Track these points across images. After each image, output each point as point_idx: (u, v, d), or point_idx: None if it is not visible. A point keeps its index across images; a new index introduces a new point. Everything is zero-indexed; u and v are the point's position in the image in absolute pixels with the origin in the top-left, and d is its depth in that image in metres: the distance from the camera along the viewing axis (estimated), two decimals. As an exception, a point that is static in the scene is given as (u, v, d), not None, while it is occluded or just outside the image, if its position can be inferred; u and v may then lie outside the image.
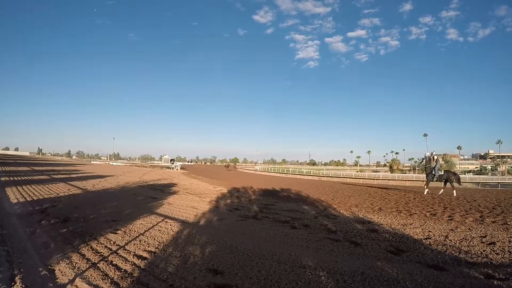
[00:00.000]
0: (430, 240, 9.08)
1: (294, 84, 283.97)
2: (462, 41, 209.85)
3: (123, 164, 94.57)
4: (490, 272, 6.29)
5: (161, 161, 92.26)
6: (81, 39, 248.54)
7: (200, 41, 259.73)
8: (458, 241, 8.87)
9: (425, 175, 27.25)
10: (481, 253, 7.72)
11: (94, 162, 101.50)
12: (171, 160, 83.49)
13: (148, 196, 17.03)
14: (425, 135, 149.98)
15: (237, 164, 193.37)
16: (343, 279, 5.73)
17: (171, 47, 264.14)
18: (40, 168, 42.07)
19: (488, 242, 8.76)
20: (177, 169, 65.70)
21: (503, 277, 6.02)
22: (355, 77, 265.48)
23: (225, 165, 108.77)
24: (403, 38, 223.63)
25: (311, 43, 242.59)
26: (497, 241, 8.83)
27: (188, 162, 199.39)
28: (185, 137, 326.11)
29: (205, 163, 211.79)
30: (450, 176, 25.00)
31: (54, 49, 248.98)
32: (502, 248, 8.07)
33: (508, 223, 11.60)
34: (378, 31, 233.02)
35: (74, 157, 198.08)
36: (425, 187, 25.18)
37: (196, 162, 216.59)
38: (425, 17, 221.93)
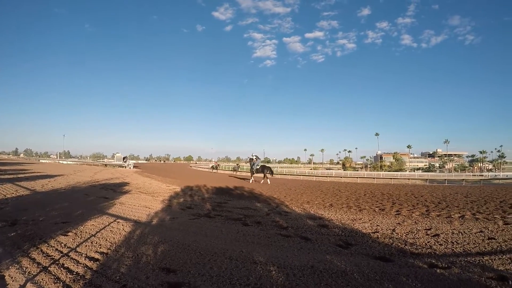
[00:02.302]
0: (377, 233, 9.52)
1: (250, 82, 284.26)
2: (416, 47, 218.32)
3: (73, 162, 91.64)
4: (433, 261, 6.72)
5: (113, 159, 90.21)
6: (32, 28, 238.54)
7: (158, 36, 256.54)
8: (404, 234, 9.37)
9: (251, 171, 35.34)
10: (426, 244, 8.24)
11: (43, 161, 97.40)
12: (123, 158, 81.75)
13: (99, 196, 16.72)
14: (377, 134, 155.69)
15: (191, 162, 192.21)
16: (293, 273, 5.94)
17: (128, 41, 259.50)
18: (-16, 168, 40.51)
19: (433, 234, 9.32)
20: (130, 168, 64.25)
21: (446, 266, 6.44)
22: (311, 77, 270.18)
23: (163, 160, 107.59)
24: (359, 42, 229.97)
25: (269, 42, 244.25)
26: (441, 233, 9.41)
27: (144, 160, 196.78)
28: (139, 135, 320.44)
29: (164, 161, 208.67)
30: (264, 170, 33.45)
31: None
32: (446, 240, 8.64)
33: (452, 216, 12.30)
34: (336, 34, 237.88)
35: (21, 155, 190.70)
36: (251, 177, 34.82)
37: (148, 160, 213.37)
38: (382, 23, 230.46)
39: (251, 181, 33.39)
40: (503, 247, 7.81)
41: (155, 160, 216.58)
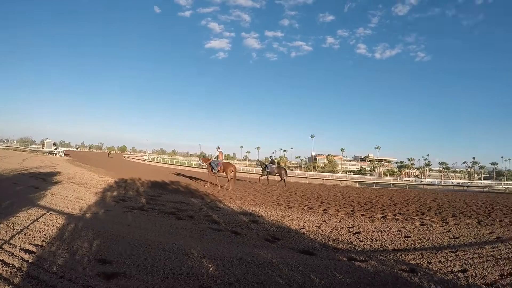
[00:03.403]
0: (304, 230, 10.09)
1: (197, 73, 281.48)
2: (369, 57, 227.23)
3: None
4: (353, 255, 7.40)
5: (42, 145, 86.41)
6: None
7: (104, 12, 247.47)
8: (328, 231, 10.03)
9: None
10: (347, 240, 8.96)
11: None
12: (54, 144, 78.71)
13: (29, 185, 16.20)
14: (312, 136, 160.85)
15: (125, 152, 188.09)
16: (223, 263, 6.33)
17: (66, 14, 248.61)
18: None
19: (355, 232, 10.06)
20: (61, 156, 62.00)
21: (363, 259, 7.13)
22: (260, 74, 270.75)
23: (107, 153, 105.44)
24: (317, 45, 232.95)
25: (227, 34, 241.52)
26: (362, 231, 10.16)
27: (75, 148, 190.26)
28: (70, 120, 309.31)
29: (109, 151, 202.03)
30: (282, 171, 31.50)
31: None
32: (366, 237, 9.41)
33: (375, 216, 13.19)
34: (295, 34, 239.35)
35: None
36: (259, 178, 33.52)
37: (77, 148, 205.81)
38: (342, 30, 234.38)
39: (259, 181, 32.45)
40: (416, 245, 8.73)
41: (93, 149, 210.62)
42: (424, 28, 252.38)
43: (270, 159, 33.39)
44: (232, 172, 23.69)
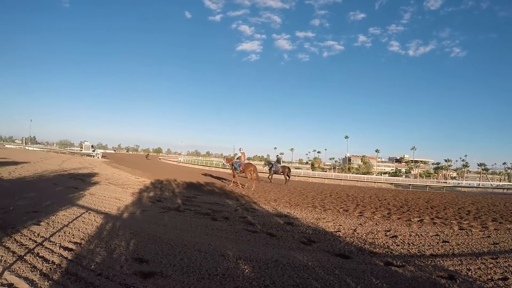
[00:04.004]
0: (340, 232, 9.92)
1: (230, 76, 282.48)
2: (403, 54, 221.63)
3: (40, 149, 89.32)
4: (389, 260, 7.17)
5: (81, 147, 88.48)
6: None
7: (141, 19, 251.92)
8: (364, 234, 9.81)
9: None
10: (384, 244, 8.68)
11: (8, 146, 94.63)
12: (91, 147, 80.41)
13: (69, 186, 16.57)
14: (346, 137, 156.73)
15: (160, 154, 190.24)
16: (258, 265, 6.28)
17: (104, 25, 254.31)
18: None
19: (391, 236, 9.77)
20: (98, 157, 63.23)
21: (400, 264, 6.90)
22: (292, 75, 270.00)
23: (145, 155, 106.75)
24: (348, 44, 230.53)
25: (258, 36, 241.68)
26: (399, 235, 9.89)
27: (113, 150, 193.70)
28: (107, 123, 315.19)
29: (148, 153, 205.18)
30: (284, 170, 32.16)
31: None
32: (403, 241, 9.11)
33: (411, 219, 12.84)
34: (327, 34, 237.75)
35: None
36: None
37: (115, 150, 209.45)
38: (374, 28, 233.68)
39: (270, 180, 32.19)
40: (455, 250, 8.36)
41: (130, 151, 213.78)
42: (458, 22, 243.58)
43: (276, 158, 33.47)
44: (254, 173, 24.10)
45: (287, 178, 31.50)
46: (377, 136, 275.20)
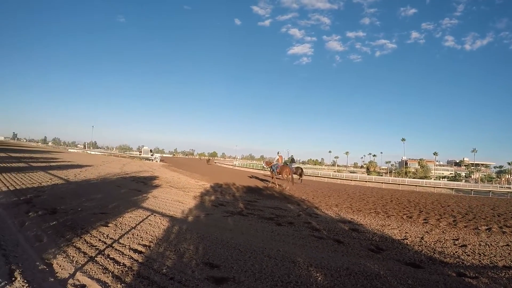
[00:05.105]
0: (407, 240, 9.58)
1: (281, 80, 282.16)
2: (459, 49, 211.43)
3: (100, 153, 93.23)
4: (461, 271, 6.85)
5: (139, 152, 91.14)
6: (64, 20, 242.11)
7: (190, 29, 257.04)
8: (432, 243, 9.43)
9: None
10: (454, 254, 8.35)
11: (71, 150, 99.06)
12: (150, 151, 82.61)
13: (132, 189, 16.99)
14: (403, 139, 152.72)
15: (215, 158, 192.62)
16: (330, 273, 6.13)
17: (160, 34, 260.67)
18: (17, 155, 41.44)
19: (460, 245, 9.35)
20: (157, 161, 65.06)
21: (474, 275, 6.57)
22: (344, 77, 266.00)
23: (206, 160, 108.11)
24: (401, 42, 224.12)
25: (308, 39, 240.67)
26: (468, 244, 9.45)
27: (172, 154, 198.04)
28: (163, 128, 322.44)
29: (209, 159, 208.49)
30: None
31: (29, 32, 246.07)
32: (473, 251, 8.71)
33: (479, 228, 12.26)
34: (377, 33, 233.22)
35: (50, 143, 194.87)
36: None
37: (174, 155, 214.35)
38: (427, 23, 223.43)
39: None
40: (529, 263, 7.87)
41: (187, 155, 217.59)
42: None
43: (290, 159, 33.22)
44: (289, 174, 25.35)
45: (301, 178, 32.25)
46: (435, 138, 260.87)
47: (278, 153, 27.46)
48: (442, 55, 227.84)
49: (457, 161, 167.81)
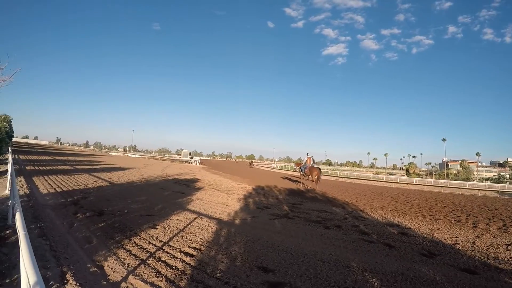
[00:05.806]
0: (458, 245, 9.33)
1: (317, 81, 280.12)
2: (499, 42, 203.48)
3: (141, 156, 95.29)
4: (518, 278, 6.53)
5: (178, 155, 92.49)
6: (102, 29, 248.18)
7: (224, 33, 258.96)
8: (485, 248, 9.15)
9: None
10: (508, 260, 8.08)
11: (112, 154, 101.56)
12: (189, 154, 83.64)
13: (175, 191, 17.18)
14: (444, 139, 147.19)
15: (253, 161, 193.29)
16: (386, 278, 6.01)
17: (193, 39, 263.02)
18: (62, 158, 42.81)
19: (514, 250, 8.95)
20: (196, 164, 65.57)
21: (531, 283, 6.25)
22: (381, 77, 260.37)
23: (249, 162, 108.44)
24: (437, 37, 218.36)
25: (342, 39, 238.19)
26: (522, 250, 9.02)
27: (211, 157, 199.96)
28: (202, 131, 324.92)
29: (236, 160, 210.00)
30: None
31: (71, 40, 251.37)
32: None
33: (532, 233, 11.72)
34: (413, 29, 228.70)
35: (91, 147, 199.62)
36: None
37: (213, 157, 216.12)
38: (463, 16, 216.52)
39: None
40: None
41: (226, 158, 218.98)
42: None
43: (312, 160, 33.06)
44: (316, 175, 26.12)
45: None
46: (477, 137, 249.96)
47: (307, 154, 28.69)
48: (481, 49, 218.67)
49: (501, 162, 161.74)
